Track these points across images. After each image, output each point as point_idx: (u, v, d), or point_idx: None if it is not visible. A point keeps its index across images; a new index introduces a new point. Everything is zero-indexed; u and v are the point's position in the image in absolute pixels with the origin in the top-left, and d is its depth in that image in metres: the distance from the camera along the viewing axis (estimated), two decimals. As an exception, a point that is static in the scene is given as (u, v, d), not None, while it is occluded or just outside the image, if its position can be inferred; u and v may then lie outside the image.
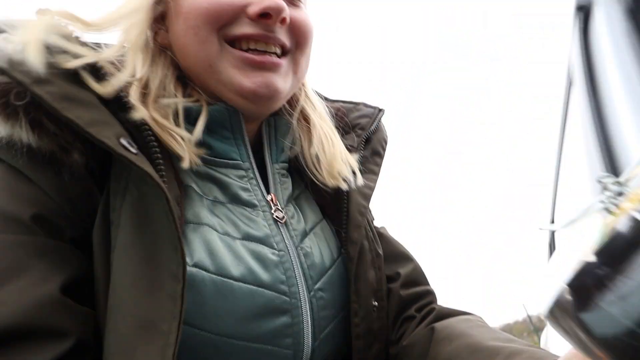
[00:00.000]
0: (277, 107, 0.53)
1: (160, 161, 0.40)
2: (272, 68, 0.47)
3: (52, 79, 0.35)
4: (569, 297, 0.21)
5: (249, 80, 0.46)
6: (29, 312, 0.34)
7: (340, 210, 0.55)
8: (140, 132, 0.40)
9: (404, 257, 0.64)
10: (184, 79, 0.49)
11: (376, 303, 0.55)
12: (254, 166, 0.51)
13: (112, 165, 0.41)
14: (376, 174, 0.60)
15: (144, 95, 0.44)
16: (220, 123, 0.49)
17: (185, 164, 0.44)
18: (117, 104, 0.40)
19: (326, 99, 0.65)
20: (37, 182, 0.38)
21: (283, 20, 0.46)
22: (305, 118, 0.57)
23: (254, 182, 0.50)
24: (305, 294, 0.47)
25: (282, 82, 0.48)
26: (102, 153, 0.39)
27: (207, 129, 0.48)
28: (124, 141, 0.37)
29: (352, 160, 0.56)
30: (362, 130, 0.61)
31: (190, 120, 0.47)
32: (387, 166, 0.63)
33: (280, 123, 0.55)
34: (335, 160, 0.54)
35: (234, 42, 0.46)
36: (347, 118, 0.63)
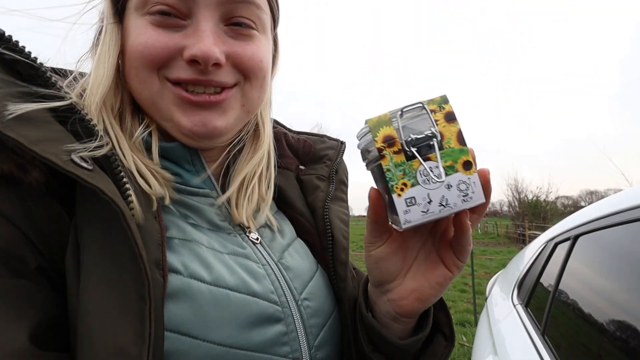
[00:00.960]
0: (222, 142, 0.52)
1: (122, 175, 0.39)
2: (209, 107, 0.47)
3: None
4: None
5: (187, 119, 0.46)
6: None
7: (324, 234, 0.58)
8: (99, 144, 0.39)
9: None
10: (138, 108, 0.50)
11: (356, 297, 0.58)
12: (220, 194, 0.53)
13: (77, 184, 0.39)
14: (345, 201, 0.65)
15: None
16: (181, 157, 0.50)
17: (165, 199, 0.45)
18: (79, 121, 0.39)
19: (291, 131, 0.69)
20: (0, 210, 0.35)
21: (216, 65, 0.45)
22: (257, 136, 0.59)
23: (223, 208, 0.52)
24: (293, 303, 0.49)
25: (220, 120, 0.48)
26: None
27: (172, 160, 0.50)
28: (76, 157, 0.35)
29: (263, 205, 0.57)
30: (330, 162, 0.65)
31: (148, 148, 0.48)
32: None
33: (243, 150, 0.56)
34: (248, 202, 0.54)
35: (173, 84, 0.46)
36: (314, 149, 0.67)
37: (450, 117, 0.41)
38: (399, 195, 0.41)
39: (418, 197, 0.41)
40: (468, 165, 0.41)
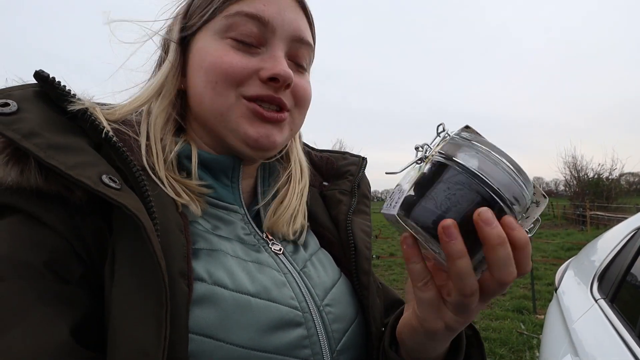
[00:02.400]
0: (270, 155, 0.60)
1: (149, 194, 0.42)
2: (274, 122, 0.53)
3: (41, 132, 0.39)
4: (404, 206, 0.39)
5: (254, 130, 0.52)
6: (38, 358, 0.33)
7: (347, 245, 0.61)
8: (128, 166, 0.42)
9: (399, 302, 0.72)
10: (179, 122, 0.56)
11: (383, 328, 0.60)
12: (246, 211, 0.57)
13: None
14: (368, 214, 0.68)
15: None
16: (222, 170, 0.55)
17: (196, 211, 0.50)
18: (112, 147, 0.43)
19: (314, 149, 0.74)
20: (48, 222, 0.40)
21: (287, 86, 0.53)
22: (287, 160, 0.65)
23: (249, 225, 0.56)
24: (315, 308, 0.51)
25: (279, 135, 0.54)
26: None
27: (211, 172, 0.55)
28: (105, 178, 0.39)
29: (301, 220, 0.62)
30: (353, 177, 0.69)
31: (181, 163, 0.53)
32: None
33: (274, 169, 0.62)
34: (282, 215, 0.59)
35: (247, 98, 0.52)
36: (336, 165, 0.72)
37: (444, 141, 0.43)
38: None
39: (394, 194, 0.43)
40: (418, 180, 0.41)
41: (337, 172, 0.71)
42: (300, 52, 0.56)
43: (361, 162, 0.72)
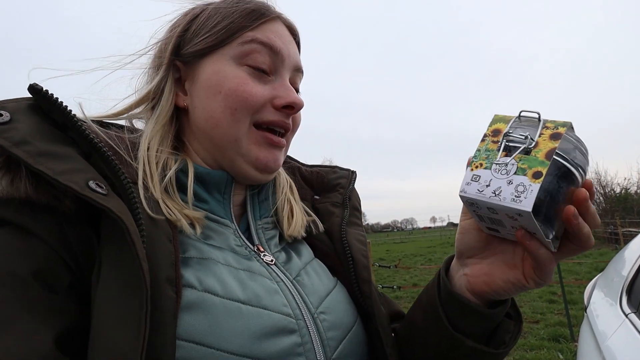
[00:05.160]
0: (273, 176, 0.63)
1: (136, 201, 0.43)
2: (280, 147, 0.58)
3: (32, 140, 0.41)
4: (536, 208, 0.42)
5: (264, 156, 0.56)
6: None
7: (343, 255, 0.62)
8: (116, 175, 0.43)
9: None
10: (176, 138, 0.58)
11: (392, 334, 0.62)
12: (237, 226, 0.58)
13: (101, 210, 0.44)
14: (360, 225, 0.69)
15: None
16: (215, 185, 0.57)
17: (188, 229, 0.50)
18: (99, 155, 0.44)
19: (304, 164, 0.77)
20: (36, 232, 0.41)
21: (296, 112, 0.59)
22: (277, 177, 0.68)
23: (239, 239, 0.57)
24: (309, 316, 0.51)
25: (282, 158, 0.60)
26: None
27: (204, 187, 0.56)
28: (92, 184, 0.40)
29: (306, 216, 0.66)
30: (343, 189, 0.71)
31: (177, 176, 0.54)
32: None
33: (263, 187, 0.64)
34: (298, 218, 0.64)
35: (257, 124, 0.56)
36: (326, 179, 0.74)
37: (556, 137, 0.44)
38: (472, 169, 0.47)
39: (482, 178, 0.46)
40: (537, 175, 0.43)
41: (328, 186, 0.73)
42: (297, 79, 0.62)
43: (351, 175, 0.74)
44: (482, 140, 0.48)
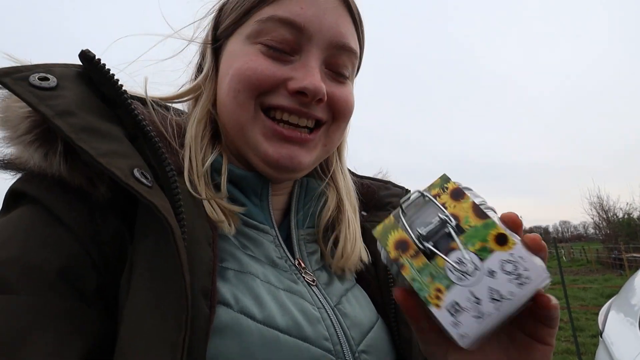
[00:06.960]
0: (299, 176, 0.54)
1: (179, 197, 0.38)
2: (299, 142, 0.48)
3: (77, 112, 0.36)
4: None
5: (274, 151, 0.47)
6: None
7: (385, 287, 0.55)
8: (161, 164, 0.39)
9: None
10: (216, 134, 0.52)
11: None
12: (278, 233, 0.51)
13: (139, 202, 0.38)
14: None
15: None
16: (251, 188, 0.51)
17: (229, 229, 0.45)
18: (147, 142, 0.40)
19: (354, 175, 0.67)
20: (67, 222, 0.36)
21: (319, 101, 0.48)
22: (335, 183, 0.59)
23: (280, 248, 0.50)
24: (349, 354, 0.44)
25: (307, 156, 0.49)
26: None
27: (240, 189, 0.50)
28: (137, 172, 0.35)
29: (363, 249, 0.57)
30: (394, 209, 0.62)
31: (214, 177, 0.49)
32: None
33: (311, 186, 0.56)
34: (352, 252, 0.54)
35: (269, 109, 0.48)
36: (377, 195, 0.65)
37: (458, 194, 0.37)
38: (438, 305, 0.33)
39: (461, 301, 0.33)
40: (502, 240, 0.33)
41: (378, 203, 0.65)
42: (341, 59, 0.50)
43: (405, 194, 0.64)
44: (401, 266, 0.36)
